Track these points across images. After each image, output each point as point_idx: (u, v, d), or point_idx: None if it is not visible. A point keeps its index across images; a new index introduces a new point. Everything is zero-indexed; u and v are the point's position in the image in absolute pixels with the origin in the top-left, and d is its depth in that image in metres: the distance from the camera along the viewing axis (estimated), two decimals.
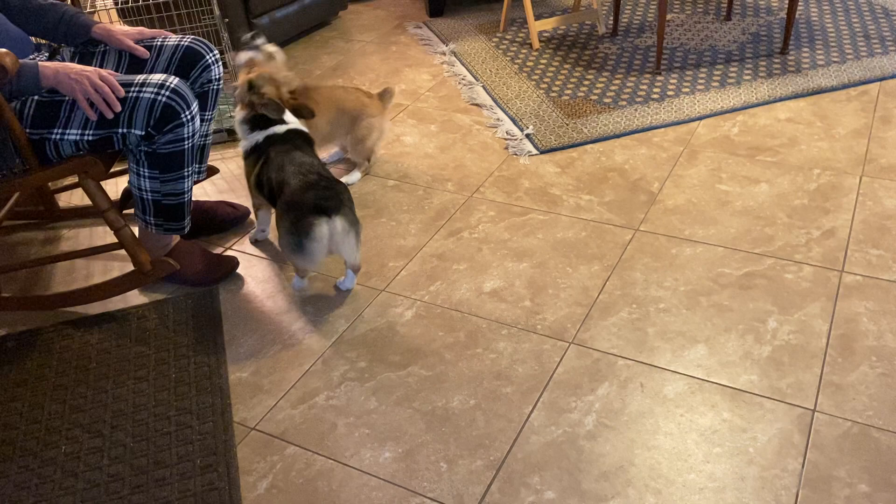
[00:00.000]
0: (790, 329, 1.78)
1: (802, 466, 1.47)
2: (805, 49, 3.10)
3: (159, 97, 1.75)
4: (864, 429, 1.53)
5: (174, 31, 2.78)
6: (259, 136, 2.03)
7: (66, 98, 1.75)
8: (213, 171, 2.34)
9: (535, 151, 2.59)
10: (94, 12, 2.73)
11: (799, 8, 3.46)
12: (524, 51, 3.32)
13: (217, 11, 2.74)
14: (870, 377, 1.64)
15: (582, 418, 1.61)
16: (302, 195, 1.83)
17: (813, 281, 1.91)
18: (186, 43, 2.00)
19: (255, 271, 2.12)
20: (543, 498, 1.45)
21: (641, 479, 1.47)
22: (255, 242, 2.24)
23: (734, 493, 1.43)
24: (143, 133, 1.77)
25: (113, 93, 1.72)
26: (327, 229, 1.82)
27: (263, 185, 1.98)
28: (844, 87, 2.80)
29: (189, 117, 1.80)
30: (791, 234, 2.08)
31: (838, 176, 2.31)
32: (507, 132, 2.72)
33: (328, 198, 1.83)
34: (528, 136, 2.68)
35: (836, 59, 2.99)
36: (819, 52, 3.07)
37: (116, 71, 1.96)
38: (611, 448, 1.54)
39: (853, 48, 3.07)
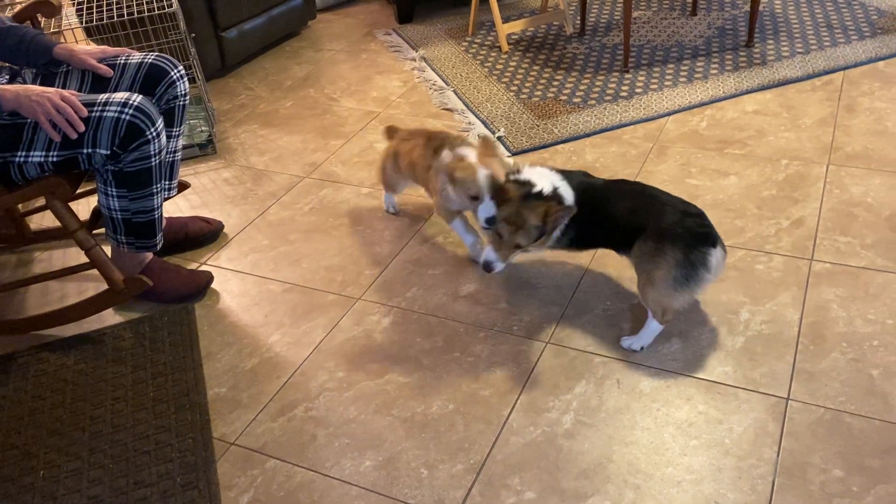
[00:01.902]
0: (762, 319, 1.80)
1: (777, 455, 1.48)
2: (770, 41, 3.13)
3: (123, 115, 1.74)
4: (837, 414, 1.55)
5: (141, 49, 2.77)
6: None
7: (29, 120, 1.74)
8: (184, 186, 2.33)
9: (507, 154, 2.61)
10: (59, 32, 2.71)
11: (763, 1, 3.50)
12: (493, 54, 3.34)
13: (183, 27, 2.73)
14: (841, 363, 1.66)
15: (560, 417, 1.62)
16: (683, 224, 1.65)
17: (783, 270, 1.94)
18: (150, 60, 1.99)
19: (230, 286, 2.12)
20: (524, 498, 1.46)
21: (620, 475, 1.48)
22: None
23: (711, 485, 1.44)
24: (109, 152, 1.77)
25: (76, 113, 1.71)
26: (717, 259, 1.66)
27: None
28: (809, 77, 2.83)
29: (154, 134, 1.79)
30: (761, 225, 2.10)
31: (805, 165, 2.34)
32: (478, 135, 2.73)
33: (707, 225, 1.68)
34: (499, 138, 2.69)
35: (800, 50, 3.03)
36: (784, 43, 3.11)
37: (80, 91, 1.95)
38: (589, 445, 1.55)
39: (817, 39, 3.11)
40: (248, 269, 2.18)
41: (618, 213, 1.75)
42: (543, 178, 1.77)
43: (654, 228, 1.67)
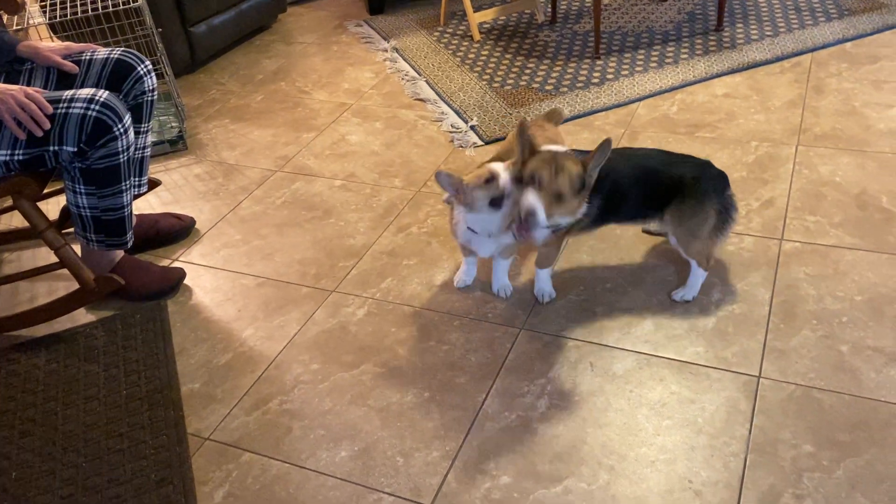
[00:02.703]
0: (733, 299, 1.82)
1: (749, 432, 1.50)
2: (739, 25, 3.15)
3: (89, 112, 1.72)
4: (807, 391, 1.57)
5: (107, 45, 2.73)
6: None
7: None
8: (155, 183, 2.30)
9: (480, 143, 2.61)
10: (22, 29, 2.67)
11: None
12: (465, 43, 3.33)
13: (150, 22, 2.70)
14: (811, 340, 1.68)
15: (535, 402, 1.62)
16: (709, 176, 1.76)
17: (754, 251, 1.96)
18: (116, 56, 1.97)
19: (202, 281, 2.10)
20: (499, 483, 1.46)
21: (594, 457, 1.49)
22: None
23: (685, 464, 1.45)
24: (76, 149, 1.75)
25: (41, 110, 1.69)
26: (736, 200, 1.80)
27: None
28: (778, 59, 2.86)
29: (122, 130, 1.78)
30: None
31: (775, 147, 2.36)
32: (451, 125, 2.73)
33: (721, 170, 1.80)
34: (472, 127, 2.69)
35: (769, 33, 3.05)
36: (753, 26, 3.13)
37: (45, 88, 1.93)
38: (564, 428, 1.55)
39: (785, 21, 3.13)
40: (221, 265, 2.16)
41: (647, 179, 1.77)
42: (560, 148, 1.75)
43: (690, 186, 1.73)
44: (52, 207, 2.51)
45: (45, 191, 2.23)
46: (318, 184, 2.48)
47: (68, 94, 1.75)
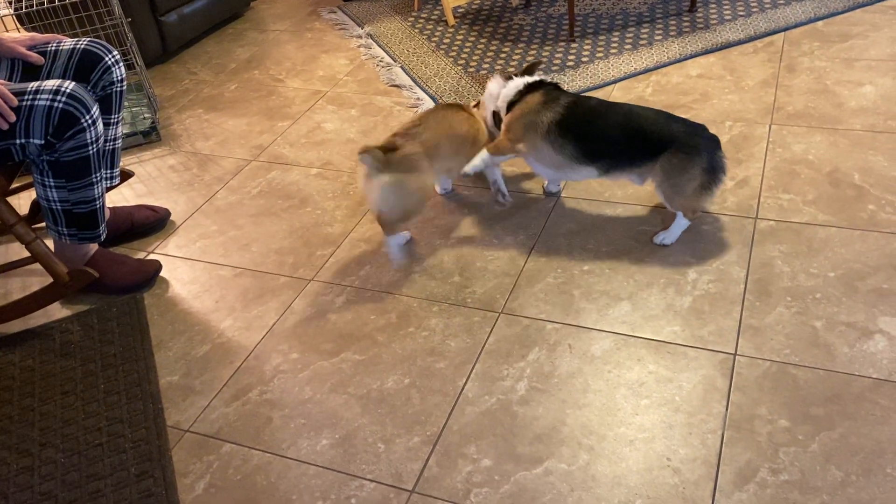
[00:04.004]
0: (709, 278, 1.83)
1: (726, 409, 1.52)
2: (712, 5, 3.16)
3: (56, 103, 1.69)
4: (782, 367, 1.59)
5: (76, 36, 2.69)
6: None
7: None
8: (127, 175, 2.28)
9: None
10: None
11: None
12: (440, 28, 3.31)
13: (119, 12, 2.66)
14: (786, 317, 1.70)
15: (514, 385, 1.63)
16: (702, 135, 1.86)
17: (729, 230, 1.97)
18: (83, 46, 1.94)
19: (179, 273, 2.09)
20: (480, 466, 1.47)
21: (574, 438, 1.50)
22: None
23: (663, 442, 1.47)
24: (43, 142, 1.72)
25: (5, 103, 1.66)
26: (726, 161, 1.88)
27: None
28: (751, 39, 2.87)
29: (90, 122, 1.75)
30: None
31: (749, 126, 2.37)
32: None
33: (712, 133, 1.89)
34: None
35: (741, 13, 3.06)
36: (726, 7, 3.14)
37: (10, 80, 1.89)
38: (543, 410, 1.56)
39: (758, 1, 3.14)
40: (197, 256, 2.14)
41: (637, 127, 1.89)
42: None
43: (682, 141, 1.84)
44: (23, 202, 2.47)
45: (15, 185, 2.20)
46: (294, 172, 2.47)
47: (34, 85, 1.72)
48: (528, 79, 2.08)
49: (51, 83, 1.72)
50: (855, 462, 1.39)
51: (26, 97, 1.70)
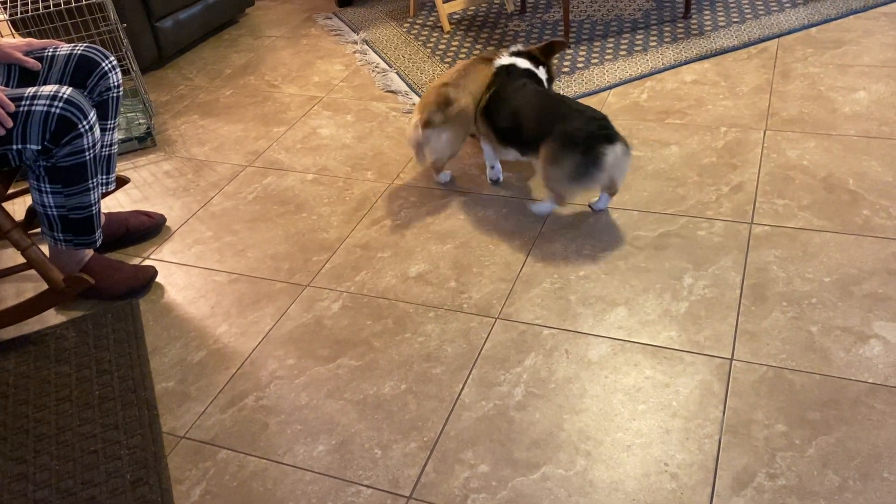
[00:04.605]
0: (705, 283, 1.84)
1: (723, 414, 1.52)
2: (706, 12, 3.18)
3: (53, 109, 1.69)
4: (779, 371, 1.59)
5: (71, 41, 2.69)
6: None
7: None
8: (123, 181, 2.27)
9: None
10: None
11: None
12: (435, 34, 3.32)
13: (114, 17, 2.66)
14: (781, 322, 1.71)
15: (511, 390, 1.63)
16: (586, 128, 1.94)
17: (724, 235, 1.98)
18: (79, 52, 1.93)
19: (174, 279, 2.08)
20: (477, 472, 1.47)
21: (571, 443, 1.50)
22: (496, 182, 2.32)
23: (660, 447, 1.47)
24: (40, 147, 1.71)
25: (3, 109, 1.66)
26: (612, 157, 1.93)
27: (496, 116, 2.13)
28: (745, 45, 2.88)
29: (87, 127, 1.75)
30: (702, 192, 2.14)
31: (744, 132, 2.38)
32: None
33: (607, 128, 1.95)
34: None
35: (735, 20, 3.08)
36: (720, 13, 3.15)
37: (6, 86, 1.89)
38: (540, 416, 1.56)
39: (751, 7, 3.16)
40: (193, 262, 2.14)
41: (527, 118, 2.06)
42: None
43: (559, 132, 1.97)
44: (19, 208, 2.46)
45: (10, 191, 2.19)
46: (290, 178, 2.47)
47: (31, 91, 1.71)
48: (505, 60, 2.23)
49: (48, 89, 1.71)
50: (852, 467, 1.39)
51: (23, 103, 1.69)
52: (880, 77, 2.57)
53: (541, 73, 2.25)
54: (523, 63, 2.22)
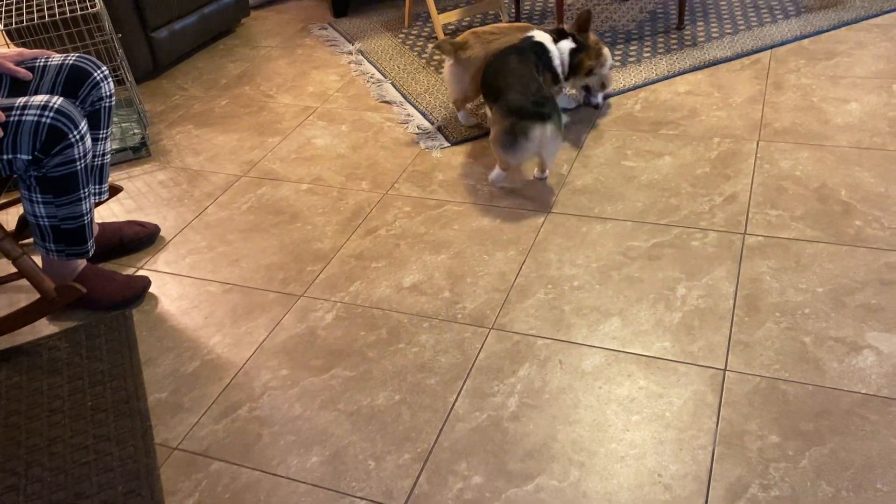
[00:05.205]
0: (698, 294, 1.84)
1: (717, 425, 1.52)
2: (700, 23, 3.20)
3: (44, 119, 1.69)
4: (772, 382, 1.59)
5: (66, 51, 2.69)
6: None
7: None
8: (116, 190, 2.27)
9: (446, 144, 2.61)
10: None
11: None
12: (431, 45, 3.33)
13: (109, 27, 2.66)
14: (775, 332, 1.71)
15: (505, 401, 1.63)
16: (523, 102, 2.16)
17: (718, 246, 1.98)
18: (71, 61, 1.93)
19: (168, 289, 2.08)
20: (471, 483, 1.46)
21: (565, 454, 1.49)
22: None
23: (654, 458, 1.47)
24: (31, 157, 1.71)
25: None
26: (538, 133, 2.14)
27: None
28: (738, 56, 2.90)
29: (78, 137, 1.74)
30: (695, 202, 2.15)
31: (737, 142, 2.39)
32: (418, 127, 2.73)
33: (541, 105, 2.15)
34: (438, 129, 2.69)
35: (729, 31, 3.10)
36: (713, 24, 3.17)
37: None
38: (534, 427, 1.56)
39: (744, 19, 3.18)
40: (187, 272, 2.14)
41: (493, 82, 2.30)
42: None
43: (503, 101, 2.21)
44: (10, 217, 2.46)
45: (2, 201, 2.19)
46: (285, 188, 2.47)
47: (21, 101, 1.71)
48: (530, 33, 2.46)
49: (39, 98, 1.71)
50: (845, 477, 1.39)
51: (14, 112, 1.69)
52: (872, 88, 2.58)
53: (555, 48, 2.43)
54: (541, 37, 2.44)
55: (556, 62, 2.43)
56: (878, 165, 2.20)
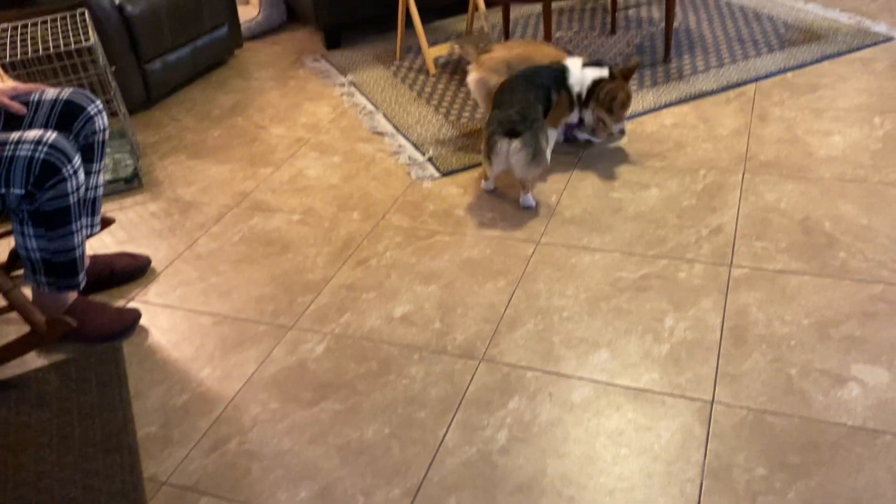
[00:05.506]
0: (686, 326, 1.86)
1: (704, 457, 1.53)
2: (686, 56, 3.25)
3: (37, 154, 1.71)
4: (759, 415, 1.61)
5: (60, 84, 2.71)
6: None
7: None
8: (108, 222, 2.28)
9: (437, 174, 2.63)
10: None
11: (678, 18, 3.64)
12: (421, 77, 3.38)
13: (102, 61, 2.69)
14: (761, 364, 1.73)
15: (495, 434, 1.63)
16: (503, 117, 2.31)
17: (704, 277, 2.00)
18: (66, 96, 1.96)
19: (158, 321, 2.08)
20: None
21: (554, 488, 1.50)
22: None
23: (643, 491, 1.47)
24: (24, 192, 1.72)
25: None
26: (505, 148, 2.29)
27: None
28: (724, 89, 2.95)
29: (71, 171, 1.76)
30: (682, 234, 2.17)
31: (722, 175, 2.43)
32: (409, 158, 2.76)
33: (513, 123, 2.29)
34: (429, 159, 2.72)
35: (714, 64, 3.15)
36: (699, 58, 3.23)
37: None
38: (524, 460, 1.56)
39: (730, 52, 3.24)
40: (178, 304, 2.14)
41: (497, 95, 2.46)
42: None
43: (491, 114, 2.36)
44: (1, 249, 2.46)
45: None
46: (276, 219, 2.48)
47: (15, 135, 1.73)
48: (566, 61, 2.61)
49: (33, 133, 1.73)
50: None
51: (8, 147, 1.71)
52: (854, 121, 2.63)
53: (578, 71, 2.55)
54: (570, 62, 2.57)
55: (573, 81, 2.53)
56: (861, 198, 2.24)
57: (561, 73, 2.53)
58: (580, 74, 2.53)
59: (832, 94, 2.82)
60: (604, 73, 2.53)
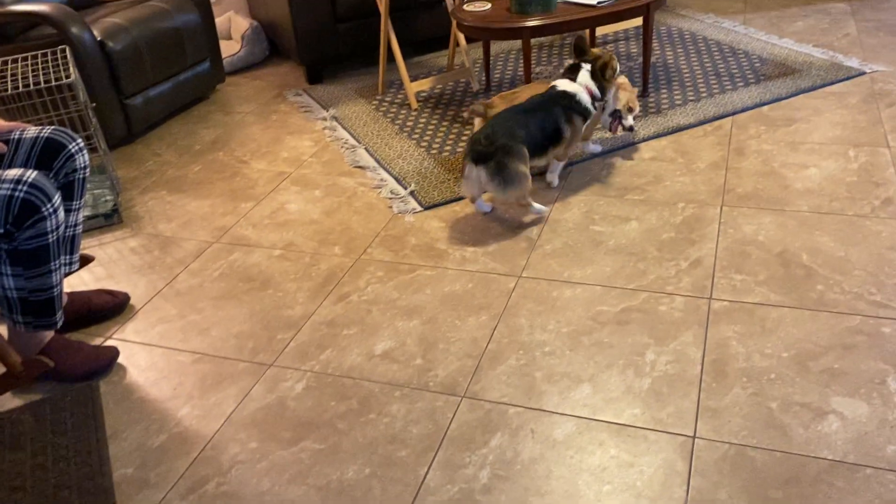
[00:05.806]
0: (667, 359, 1.86)
1: (687, 493, 1.52)
2: (664, 90, 3.30)
3: (17, 193, 1.70)
4: (741, 449, 1.60)
5: (41, 121, 2.71)
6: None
7: None
8: (87, 260, 2.26)
9: (419, 208, 2.64)
10: None
11: (655, 52, 3.70)
12: (403, 111, 3.40)
13: (83, 97, 2.69)
14: (742, 398, 1.73)
15: (477, 472, 1.62)
16: (479, 144, 2.37)
17: (684, 310, 2.01)
18: (46, 134, 1.95)
19: (136, 359, 2.06)
20: None
21: None
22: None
23: None
24: (3, 231, 1.71)
25: None
26: (475, 173, 2.38)
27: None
28: (701, 123, 3.00)
29: (51, 210, 1.75)
30: (661, 266, 2.19)
31: (701, 208, 2.45)
32: (391, 192, 2.76)
33: (485, 148, 2.35)
34: (411, 193, 2.73)
35: (691, 98, 3.20)
36: (676, 92, 3.28)
37: None
38: (506, 499, 1.55)
39: (706, 87, 3.30)
40: (156, 341, 2.12)
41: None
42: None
43: (475, 140, 2.41)
44: None
45: None
46: (257, 254, 2.47)
47: None
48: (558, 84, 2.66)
49: (13, 173, 1.72)
50: None
51: None
52: (829, 154, 2.68)
53: (578, 88, 2.59)
54: (563, 85, 2.60)
55: (582, 96, 2.57)
56: (838, 230, 2.27)
57: (566, 96, 2.56)
58: (579, 88, 2.58)
59: (807, 128, 2.87)
60: (587, 67, 2.62)
